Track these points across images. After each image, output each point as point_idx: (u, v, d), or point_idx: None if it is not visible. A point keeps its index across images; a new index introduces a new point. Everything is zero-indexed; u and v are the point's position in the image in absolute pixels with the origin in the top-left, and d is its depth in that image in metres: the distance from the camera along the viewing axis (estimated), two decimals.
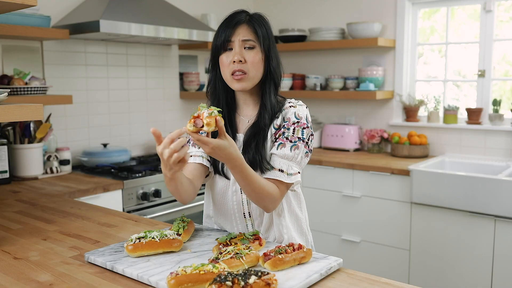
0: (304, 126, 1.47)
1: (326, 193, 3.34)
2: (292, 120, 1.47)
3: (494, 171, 3.00)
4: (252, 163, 1.43)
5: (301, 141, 1.45)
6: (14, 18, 2.46)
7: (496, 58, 3.27)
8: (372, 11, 3.61)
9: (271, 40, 1.50)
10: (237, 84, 1.46)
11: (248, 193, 1.38)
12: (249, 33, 1.46)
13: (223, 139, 1.26)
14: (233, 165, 1.30)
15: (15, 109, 1.42)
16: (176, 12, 3.14)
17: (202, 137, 1.23)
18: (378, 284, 1.18)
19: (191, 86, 3.62)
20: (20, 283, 1.22)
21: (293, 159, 1.44)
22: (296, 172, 1.44)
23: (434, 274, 2.88)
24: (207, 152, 1.26)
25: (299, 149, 1.45)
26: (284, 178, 1.42)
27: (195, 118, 1.22)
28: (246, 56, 1.45)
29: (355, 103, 3.78)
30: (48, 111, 2.84)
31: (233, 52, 1.45)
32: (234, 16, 1.48)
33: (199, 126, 1.22)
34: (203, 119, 1.22)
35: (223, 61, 1.47)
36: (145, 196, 2.68)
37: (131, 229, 1.67)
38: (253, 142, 1.46)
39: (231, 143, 1.27)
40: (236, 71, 1.44)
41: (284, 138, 1.45)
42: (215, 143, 1.23)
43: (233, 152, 1.28)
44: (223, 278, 1.03)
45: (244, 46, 1.45)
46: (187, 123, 1.23)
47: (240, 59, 1.44)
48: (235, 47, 1.45)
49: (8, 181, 2.52)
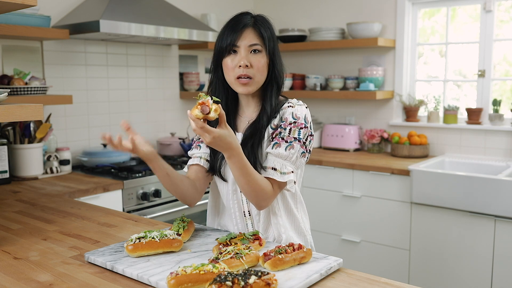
0: (301, 126, 1.46)
1: (326, 193, 3.34)
2: (289, 120, 1.47)
3: (494, 171, 3.00)
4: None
5: (297, 141, 1.45)
6: (14, 18, 2.46)
7: (496, 58, 3.27)
8: (372, 11, 3.61)
9: (276, 43, 1.51)
10: (242, 88, 1.46)
11: (242, 185, 1.38)
12: (255, 37, 1.46)
13: (224, 128, 1.27)
14: (231, 154, 1.31)
15: (15, 109, 1.42)
16: (176, 12, 3.14)
17: (206, 126, 1.23)
18: (378, 284, 1.18)
19: (191, 86, 3.62)
20: (20, 283, 1.22)
21: (288, 158, 1.44)
22: (289, 172, 1.43)
23: (434, 274, 2.88)
24: (207, 141, 1.26)
25: (294, 149, 1.44)
26: (277, 176, 1.41)
27: (201, 105, 1.22)
28: (252, 60, 1.45)
29: (355, 103, 3.78)
30: (48, 111, 2.84)
31: (239, 57, 1.45)
32: (240, 19, 1.47)
33: (206, 112, 1.22)
34: (210, 105, 1.22)
35: (227, 64, 1.46)
36: (145, 196, 2.68)
37: (131, 229, 1.67)
38: (249, 142, 1.46)
39: (230, 133, 1.29)
40: (242, 76, 1.45)
41: (280, 138, 1.45)
42: (217, 132, 1.25)
43: (233, 141, 1.29)
44: (223, 278, 1.03)
45: (250, 50, 1.46)
46: (193, 109, 1.23)
47: (246, 64, 1.44)
48: (241, 51, 1.45)
49: (8, 181, 2.52)
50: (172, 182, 1.46)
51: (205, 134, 1.24)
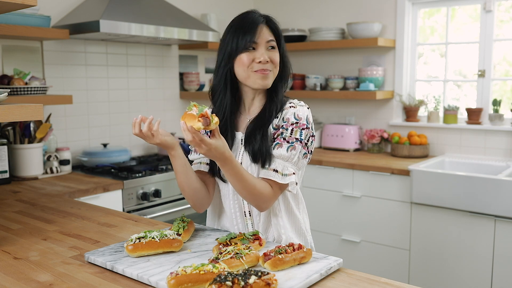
0: (303, 127, 1.46)
1: (326, 193, 3.34)
2: (291, 120, 1.47)
3: (494, 171, 3.00)
4: (256, 155, 1.44)
5: (299, 142, 1.45)
6: (14, 18, 2.46)
7: (496, 58, 3.27)
8: (372, 11, 3.61)
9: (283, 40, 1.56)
10: (262, 81, 1.47)
11: (239, 191, 1.39)
12: (270, 33, 1.50)
13: (218, 138, 1.29)
14: (224, 163, 1.32)
15: (15, 109, 1.42)
16: (176, 12, 3.14)
17: (205, 139, 1.25)
18: (378, 284, 1.18)
19: (191, 86, 3.62)
20: (20, 283, 1.22)
21: (289, 159, 1.44)
22: (291, 173, 1.43)
23: (434, 274, 2.88)
24: (202, 152, 1.28)
25: (296, 150, 1.44)
26: (278, 178, 1.42)
27: (202, 116, 1.23)
28: (270, 56, 1.48)
29: (355, 103, 3.78)
30: (48, 111, 2.84)
31: (259, 53, 1.46)
32: (252, 17, 1.49)
33: (207, 124, 1.23)
34: (209, 117, 1.23)
35: (243, 60, 1.46)
36: (145, 196, 2.68)
37: (131, 229, 1.67)
38: (258, 133, 1.47)
39: (224, 143, 1.31)
40: (262, 70, 1.46)
41: (282, 138, 1.45)
42: (214, 143, 1.27)
43: (226, 151, 1.31)
44: (223, 278, 1.03)
45: (267, 46, 1.48)
46: (190, 120, 1.24)
47: (267, 59, 1.46)
48: (261, 47, 1.47)
49: (8, 181, 2.52)
50: (189, 175, 1.46)
51: (202, 146, 1.26)
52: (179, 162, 1.44)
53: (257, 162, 1.45)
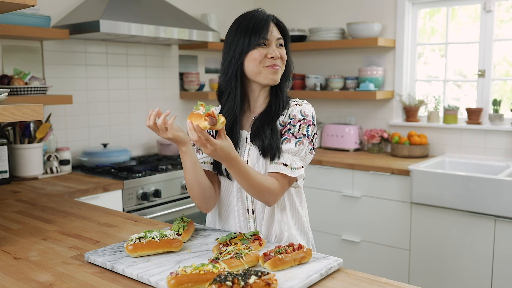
0: (309, 124, 1.50)
1: (326, 193, 3.34)
2: (298, 117, 1.50)
3: (494, 171, 3.00)
4: (266, 149, 1.46)
5: (306, 137, 1.48)
6: (14, 18, 2.46)
7: (496, 58, 3.27)
8: (372, 11, 3.61)
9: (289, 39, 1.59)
10: (272, 76, 1.50)
11: (247, 189, 1.41)
12: (278, 31, 1.52)
13: (224, 139, 1.29)
14: (230, 164, 1.33)
15: (15, 109, 1.42)
16: (176, 12, 3.14)
17: (211, 138, 1.25)
18: (378, 284, 1.18)
19: (191, 86, 3.62)
20: (20, 283, 1.22)
21: (297, 154, 1.47)
22: (299, 167, 1.46)
23: (434, 274, 2.88)
24: (208, 152, 1.28)
25: (304, 144, 1.47)
26: (288, 172, 1.44)
27: (208, 116, 1.23)
28: (280, 52, 1.51)
29: (355, 103, 3.78)
30: (48, 111, 2.84)
31: (271, 49, 1.49)
32: (260, 15, 1.50)
33: (213, 123, 1.23)
34: (216, 116, 1.23)
35: (255, 56, 1.48)
36: (145, 196, 2.68)
37: (131, 229, 1.67)
38: (267, 128, 1.48)
39: (229, 143, 1.31)
40: (273, 65, 1.49)
41: (290, 133, 1.48)
42: (219, 144, 1.27)
43: (232, 152, 1.32)
44: (223, 278, 1.03)
45: (277, 43, 1.51)
46: (196, 119, 1.24)
47: (279, 56, 1.49)
48: (272, 44, 1.50)
49: (8, 181, 2.52)
50: (198, 173, 1.46)
51: (207, 145, 1.26)
52: (190, 158, 1.43)
53: (266, 156, 1.47)
